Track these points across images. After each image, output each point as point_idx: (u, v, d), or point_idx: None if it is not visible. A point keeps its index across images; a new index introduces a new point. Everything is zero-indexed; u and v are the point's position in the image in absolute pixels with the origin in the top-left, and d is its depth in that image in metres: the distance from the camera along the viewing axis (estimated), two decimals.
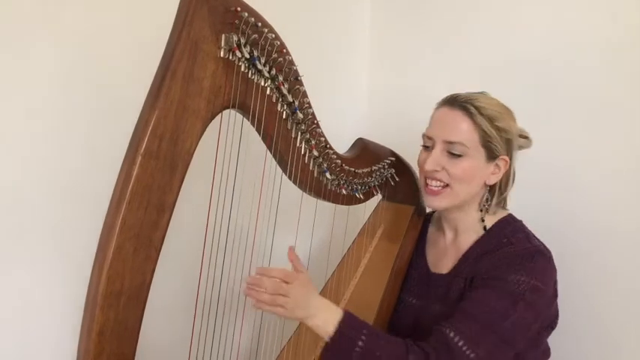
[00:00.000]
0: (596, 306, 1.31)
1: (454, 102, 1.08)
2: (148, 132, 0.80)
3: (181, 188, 0.85)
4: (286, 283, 0.93)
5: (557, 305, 1.10)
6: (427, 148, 1.12)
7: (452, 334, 0.96)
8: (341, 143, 1.22)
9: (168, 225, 0.84)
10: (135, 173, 0.79)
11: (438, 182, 1.09)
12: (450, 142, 1.07)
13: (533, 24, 1.41)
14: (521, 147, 1.13)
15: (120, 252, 0.79)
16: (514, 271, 1.01)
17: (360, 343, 0.95)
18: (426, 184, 1.11)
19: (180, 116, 0.83)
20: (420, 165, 1.13)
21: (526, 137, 1.13)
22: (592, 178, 1.31)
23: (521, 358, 1.05)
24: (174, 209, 0.85)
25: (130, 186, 0.79)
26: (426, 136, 1.12)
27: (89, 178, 1.17)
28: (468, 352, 0.95)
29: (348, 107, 1.79)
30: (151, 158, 0.80)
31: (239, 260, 1.01)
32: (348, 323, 0.96)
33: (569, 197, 1.34)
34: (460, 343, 0.95)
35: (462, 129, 1.06)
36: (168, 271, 1.02)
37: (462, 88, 1.13)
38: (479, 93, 1.10)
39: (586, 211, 1.31)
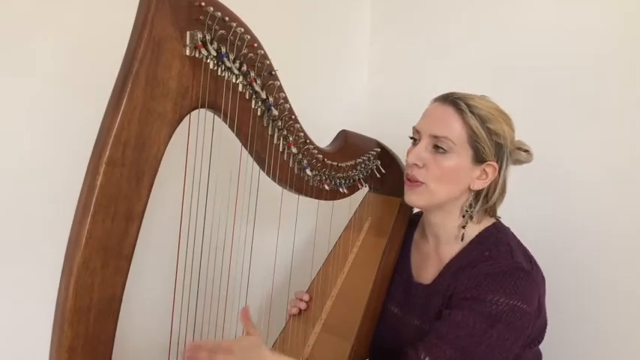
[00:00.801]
0: (592, 312, 1.28)
1: (447, 98, 1.05)
2: (111, 139, 0.76)
3: (152, 195, 0.82)
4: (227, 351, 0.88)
5: (544, 318, 1.06)
6: (415, 142, 1.09)
7: None
8: None
9: (138, 234, 0.81)
10: (99, 183, 0.76)
11: (414, 178, 1.06)
12: (436, 137, 1.03)
13: (534, 25, 1.37)
14: (520, 161, 1.08)
15: (87, 266, 0.76)
16: (492, 291, 0.96)
17: None
18: (407, 179, 1.08)
19: (145, 121, 0.79)
20: (406, 158, 1.10)
21: (527, 151, 1.08)
22: (590, 180, 1.27)
23: None
24: (146, 217, 0.82)
25: (95, 196, 0.76)
26: (414, 129, 1.09)
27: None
28: None
29: (349, 108, 1.76)
30: (115, 166, 0.77)
31: (217, 262, 0.98)
32: None
33: (566, 200, 1.31)
34: None
35: (450, 124, 1.02)
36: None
37: (461, 89, 1.09)
38: (478, 95, 1.06)
39: (583, 214, 1.28)
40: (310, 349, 1.11)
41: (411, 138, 1.11)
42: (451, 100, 1.04)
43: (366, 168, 1.22)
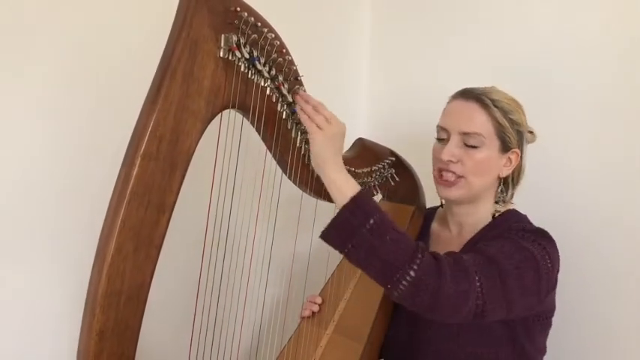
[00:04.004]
0: (597, 303, 1.30)
1: (469, 94, 1.10)
2: (148, 133, 0.80)
3: (181, 188, 0.85)
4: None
5: (554, 297, 1.09)
6: (441, 140, 1.13)
7: (465, 258, 0.96)
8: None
9: (168, 225, 0.84)
10: (134, 174, 0.79)
11: (452, 174, 1.09)
12: (466, 134, 1.08)
13: (536, 23, 1.41)
14: (527, 141, 1.15)
15: (120, 252, 0.79)
16: (525, 239, 1.02)
17: (375, 218, 0.90)
18: (440, 176, 1.11)
19: (180, 117, 0.83)
20: (435, 156, 1.14)
21: (531, 132, 1.15)
22: (591, 178, 1.31)
23: (519, 347, 1.05)
24: (174, 209, 0.85)
25: (130, 186, 0.79)
26: (440, 128, 1.13)
27: (88, 178, 1.18)
28: (476, 278, 0.93)
29: (349, 108, 1.78)
30: (150, 159, 0.80)
31: (239, 260, 1.01)
32: (365, 197, 0.95)
33: (572, 194, 1.34)
34: (470, 264, 0.95)
35: (478, 120, 1.08)
36: (168, 271, 1.02)
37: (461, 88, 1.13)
38: (489, 87, 1.12)
39: (587, 207, 1.31)
40: (322, 349, 1.13)
41: (437, 138, 1.14)
42: (474, 96, 1.09)
43: (381, 175, 1.25)
